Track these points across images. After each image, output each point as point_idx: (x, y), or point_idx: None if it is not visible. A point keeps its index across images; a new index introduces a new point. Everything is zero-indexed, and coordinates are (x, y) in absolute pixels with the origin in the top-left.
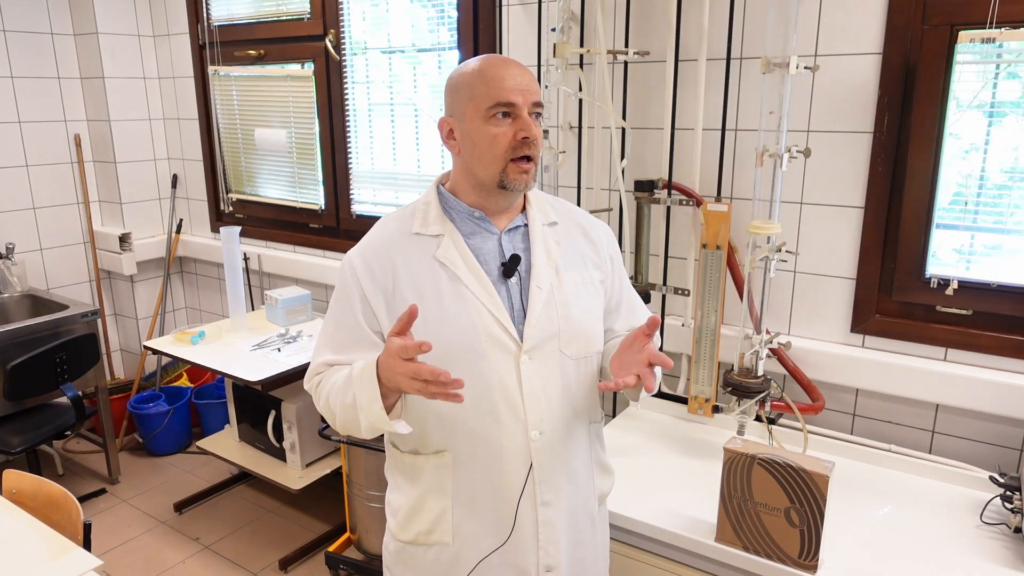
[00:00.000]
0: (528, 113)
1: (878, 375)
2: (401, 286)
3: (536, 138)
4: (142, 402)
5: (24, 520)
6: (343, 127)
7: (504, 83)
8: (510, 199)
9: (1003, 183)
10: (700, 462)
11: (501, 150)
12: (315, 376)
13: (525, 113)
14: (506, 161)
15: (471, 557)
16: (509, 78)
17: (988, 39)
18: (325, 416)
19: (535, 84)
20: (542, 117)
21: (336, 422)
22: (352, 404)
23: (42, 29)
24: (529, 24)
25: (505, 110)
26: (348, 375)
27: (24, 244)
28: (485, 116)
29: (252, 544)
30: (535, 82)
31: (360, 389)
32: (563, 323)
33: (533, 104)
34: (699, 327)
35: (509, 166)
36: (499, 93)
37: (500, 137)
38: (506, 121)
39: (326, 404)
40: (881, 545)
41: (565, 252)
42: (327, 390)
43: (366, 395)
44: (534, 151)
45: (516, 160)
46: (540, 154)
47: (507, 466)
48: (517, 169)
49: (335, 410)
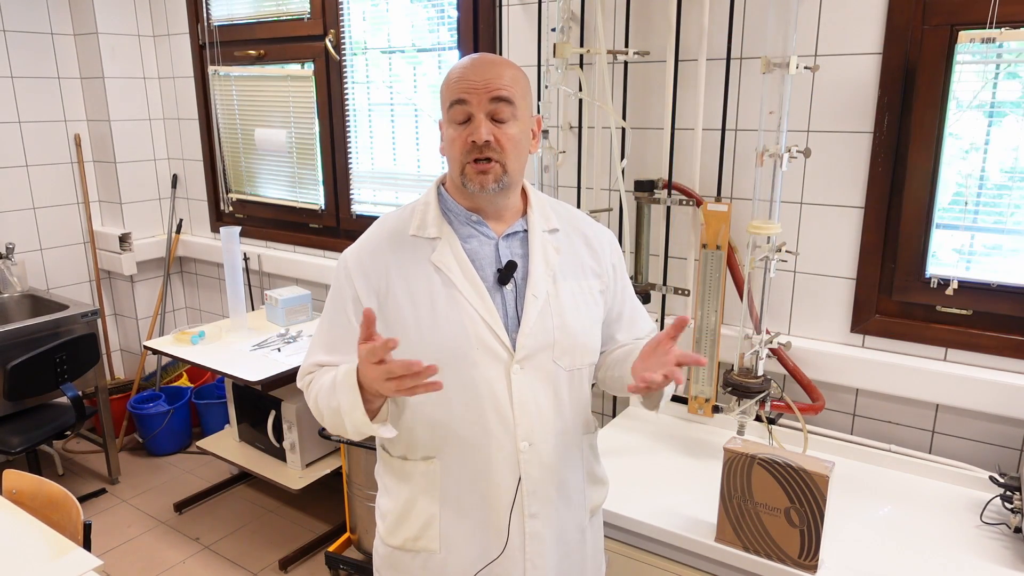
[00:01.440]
0: (488, 112)
1: (878, 375)
2: (395, 288)
3: (492, 141)
4: (142, 402)
5: (24, 520)
6: (343, 127)
7: (461, 82)
8: (496, 200)
9: (1003, 183)
10: (700, 462)
11: (458, 152)
12: (306, 376)
13: (479, 114)
14: (463, 164)
15: (459, 567)
16: (467, 77)
17: (988, 39)
18: (315, 415)
19: (499, 80)
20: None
21: (325, 423)
22: (337, 409)
23: (42, 29)
24: (529, 24)
25: (461, 112)
26: (333, 379)
27: (24, 244)
28: (448, 118)
29: (252, 544)
30: (500, 78)
31: (343, 395)
32: (558, 333)
33: (491, 100)
34: (699, 327)
35: (467, 168)
36: (451, 93)
37: (456, 140)
38: (464, 125)
39: (315, 405)
40: (881, 545)
41: (564, 260)
42: (315, 391)
43: (348, 401)
44: (489, 152)
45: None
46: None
47: (495, 476)
48: (474, 170)
49: (323, 412)
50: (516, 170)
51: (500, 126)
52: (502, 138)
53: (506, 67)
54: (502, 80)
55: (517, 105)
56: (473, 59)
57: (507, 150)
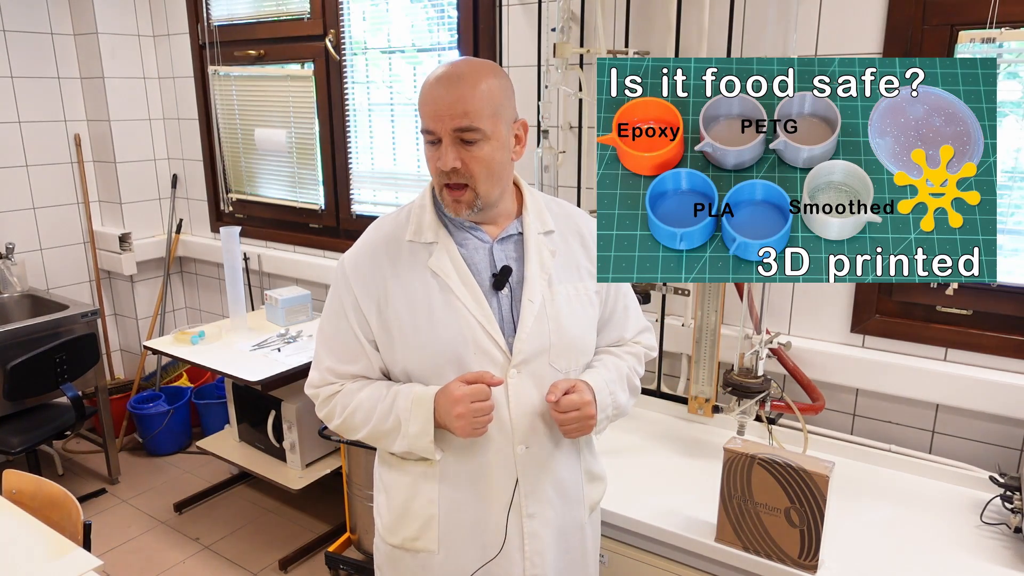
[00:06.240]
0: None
1: (878, 375)
2: (392, 295)
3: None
4: (142, 402)
5: (24, 520)
6: (343, 127)
7: (426, 107)
8: (486, 213)
9: (1003, 183)
10: (700, 462)
11: (433, 175)
12: (325, 386)
13: (446, 139)
14: (440, 186)
15: (457, 567)
16: (431, 102)
17: (988, 39)
18: (337, 426)
19: (467, 104)
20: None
21: (356, 436)
22: (392, 431)
23: (42, 29)
24: (529, 24)
25: (429, 137)
26: (390, 405)
27: (24, 244)
28: (424, 139)
29: (252, 544)
30: (470, 101)
31: (412, 420)
32: (554, 337)
33: (456, 130)
34: (699, 327)
35: (443, 191)
36: (424, 119)
37: (430, 163)
38: (434, 148)
39: (346, 420)
40: (881, 545)
41: (560, 263)
42: (350, 408)
43: (417, 427)
44: (456, 178)
45: (447, 186)
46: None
47: (493, 478)
48: (448, 196)
49: (359, 427)
50: (490, 191)
51: (469, 148)
52: (471, 162)
53: (474, 85)
54: (469, 104)
55: (485, 127)
56: (440, 77)
57: (476, 174)
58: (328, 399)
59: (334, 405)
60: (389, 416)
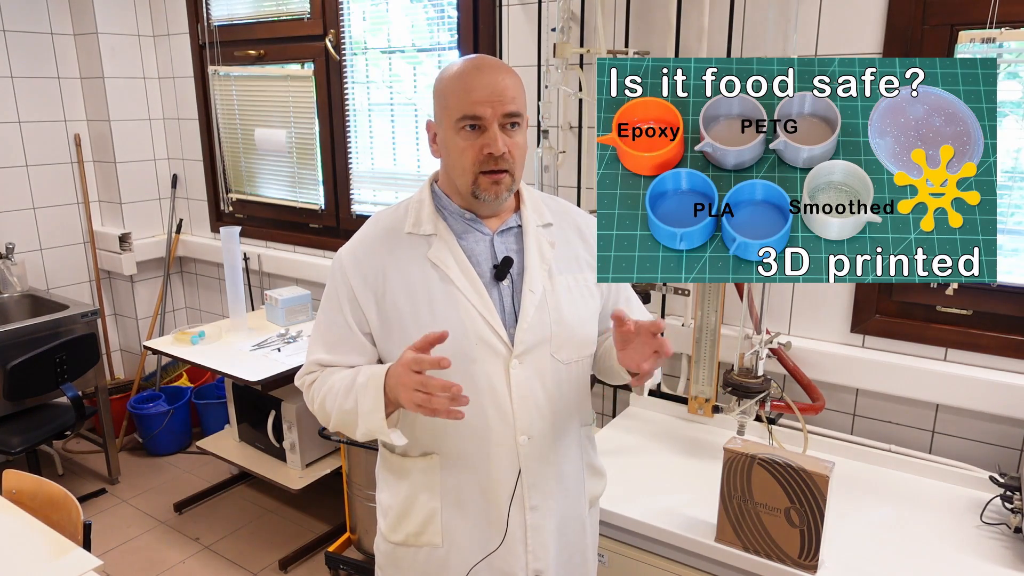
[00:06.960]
0: (501, 124)
1: (878, 375)
2: (392, 287)
3: (506, 152)
4: (142, 402)
5: (24, 520)
6: (343, 127)
7: (472, 95)
8: (494, 206)
9: (1003, 183)
10: (700, 462)
11: (469, 163)
12: (308, 375)
13: (494, 126)
14: (475, 174)
15: (461, 560)
16: (478, 89)
17: (988, 39)
18: (316, 415)
19: (512, 91)
20: (520, 126)
21: (330, 423)
22: (352, 410)
23: (42, 29)
24: (529, 24)
25: (472, 123)
26: (351, 382)
27: (24, 244)
28: (455, 127)
29: (252, 544)
30: (513, 88)
31: (363, 397)
32: (555, 327)
33: (505, 115)
34: (699, 327)
35: (480, 178)
36: (466, 106)
37: (467, 151)
38: (475, 134)
39: (321, 406)
40: (881, 545)
41: (559, 254)
42: (323, 392)
43: (369, 404)
44: (503, 164)
45: (486, 172)
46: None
47: (495, 470)
48: (488, 180)
49: (331, 412)
50: (520, 177)
51: (511, 133)
52: (513, 148)
53: (513, 74)
54: (515, 90)
55: (525, 114)
56: (480, 67)
57: (517, 159)
58: (310, 387)
59: (313, 392)
60: (349, 395)
